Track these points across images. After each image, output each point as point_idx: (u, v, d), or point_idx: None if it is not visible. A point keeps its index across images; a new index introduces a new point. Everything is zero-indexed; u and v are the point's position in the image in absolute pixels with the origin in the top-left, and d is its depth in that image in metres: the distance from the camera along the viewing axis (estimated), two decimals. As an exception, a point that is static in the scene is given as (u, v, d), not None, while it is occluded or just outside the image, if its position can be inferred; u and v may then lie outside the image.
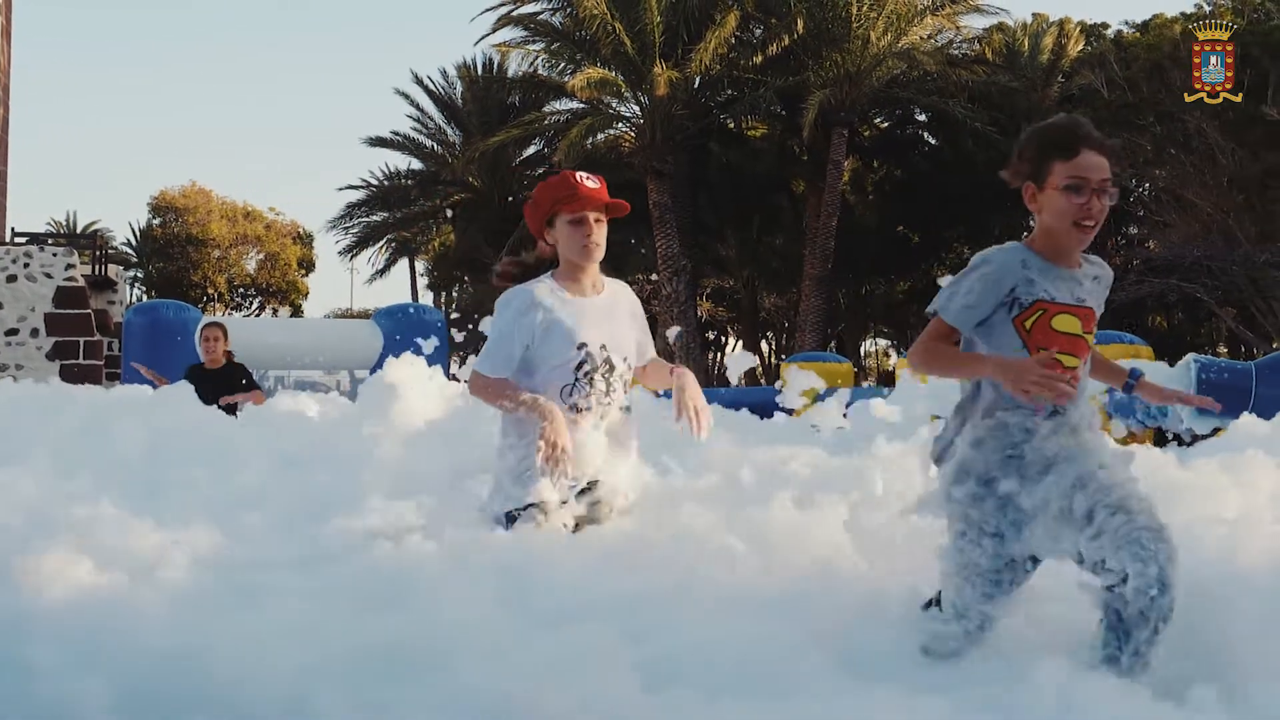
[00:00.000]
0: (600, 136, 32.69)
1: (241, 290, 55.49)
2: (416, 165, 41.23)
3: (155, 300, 25.84)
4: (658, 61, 30.46)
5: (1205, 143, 25.16)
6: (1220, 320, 31.40)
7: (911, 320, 41.96)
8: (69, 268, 25.21)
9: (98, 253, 29.27)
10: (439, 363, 7.49)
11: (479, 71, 38.19)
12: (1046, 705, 2.68)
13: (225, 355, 9.46)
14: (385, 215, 41.23)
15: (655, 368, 4.37)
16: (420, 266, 53.45)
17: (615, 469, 4.16)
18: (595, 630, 3.01)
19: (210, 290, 53.18)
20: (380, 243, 44.02)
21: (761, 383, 31.24)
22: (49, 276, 25.02)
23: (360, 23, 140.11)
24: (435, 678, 2.82)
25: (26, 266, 24.99)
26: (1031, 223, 3.21)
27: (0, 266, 24.78)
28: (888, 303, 41.08)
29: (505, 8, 32.94)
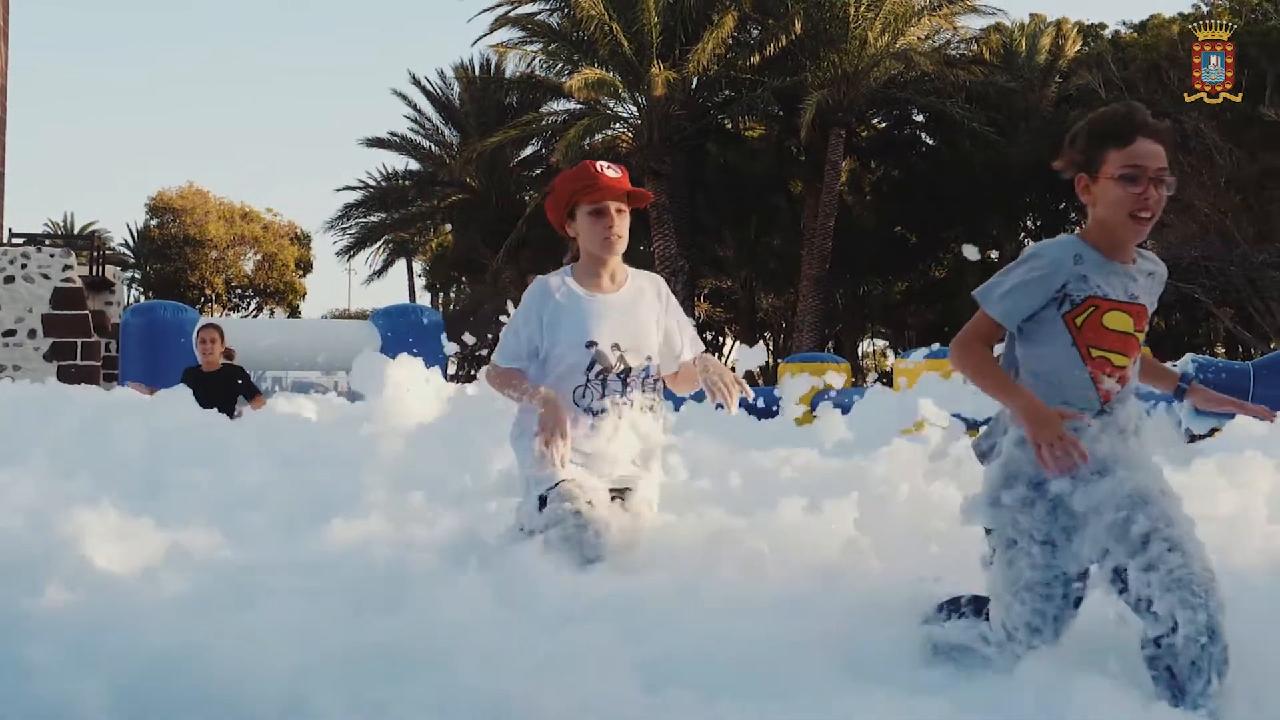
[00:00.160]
0: (598, 137, 32.71)
1: (239, 291, 55.47)
2: (414, 166, 41.26)
3: (153, 301, 25.86)
4: (655, 62, 30.49)
5: (1203, 143, 25.19)
6: (1218, 320, 31.46)
7: (909, 320, 42.02)
8: (66, 269, 25.21)
9: (95, 254, 29.22)
10: (437, 364, 7.49)
11: (476, 72, 38.21)
12: (1046, 705, 2.68)
13: (228, 352, 9.46)
14: (383, 216, 41.24)
15: (685, 372, 4.13)
16: (418, 267, 53.55)
17: (640, 479, 3.99)
18: (595, 630, 3.01)
19: (208, 291, 53.16)
20: (378, 243, 44.07)
21: (760, 383, 31.27)
22: (46, 277, 25.01)
23: (357, 24, 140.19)
24: (434, 677, 2.82)
25: (24, 267, 24.99)
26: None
27: (-2, 267, 24.82)
28: (885, 303, 41.12)
29: (502, 8, 33.00)
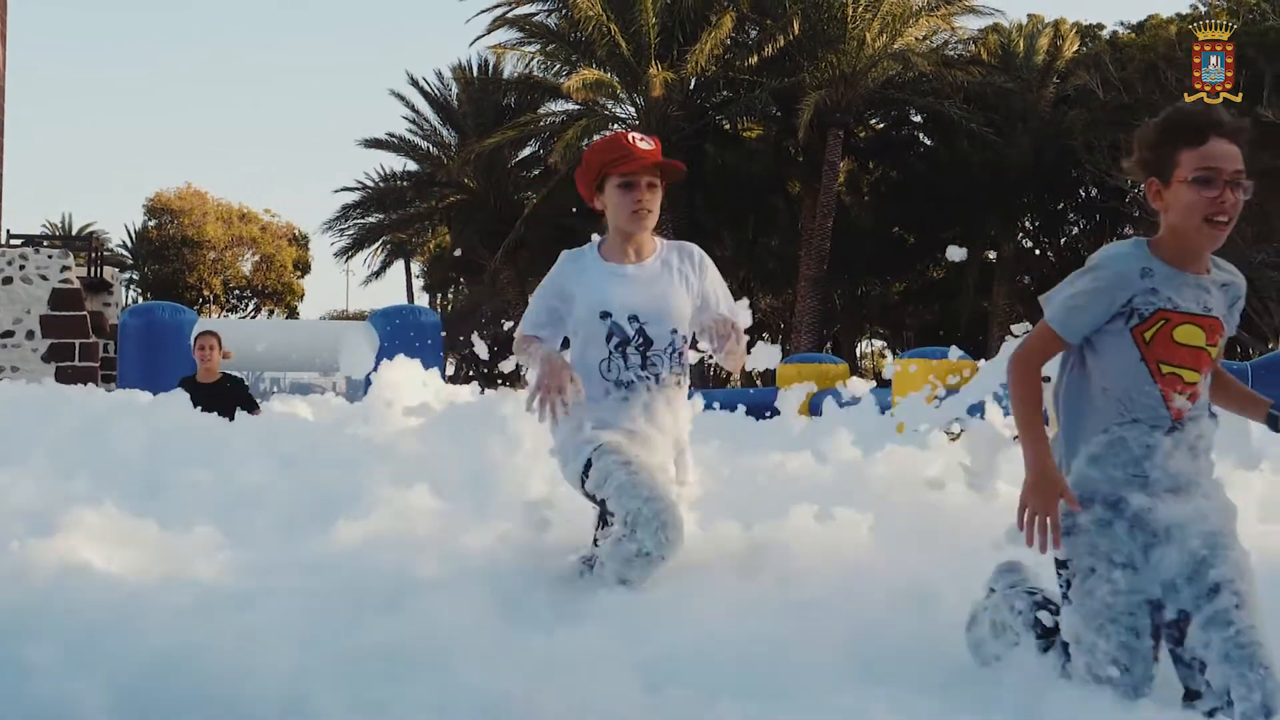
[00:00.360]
0: (596, 138, 32.68)
1: (237, 292, 55.46)
2: (412, 167, 41.26)
3: (151, 302, 25.88)
4: (653, 63, 30.50)
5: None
6: (1216, 320, 31.39)
7: (907, 321, 42.03)
8: (64, 270, 25.20)
9: (93, 255, 29.21)
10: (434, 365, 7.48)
11: (474, 73, 38.19)
12: (1047, 705, 2.68)
13: (224, 355, 9.44)
14: (381, 217, 41.23)
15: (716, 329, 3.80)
16: (416, 268, 53.54)
17: (676, 460, 3.85)
18: (594, 630, 3.01)
19: (206, 292, 53.14)
20: (376, 244, 44.08)
21: (758, 383, 31.25)
22: (44, 279, 25.01)
23: (355, 24, 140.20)
24: (434, 678, 2.82)
25: (22, 269, 24.98)
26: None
27: (-4, 269, 24.81)
28: (883, 304, 41.15)
29: (500, 9, 33.01)
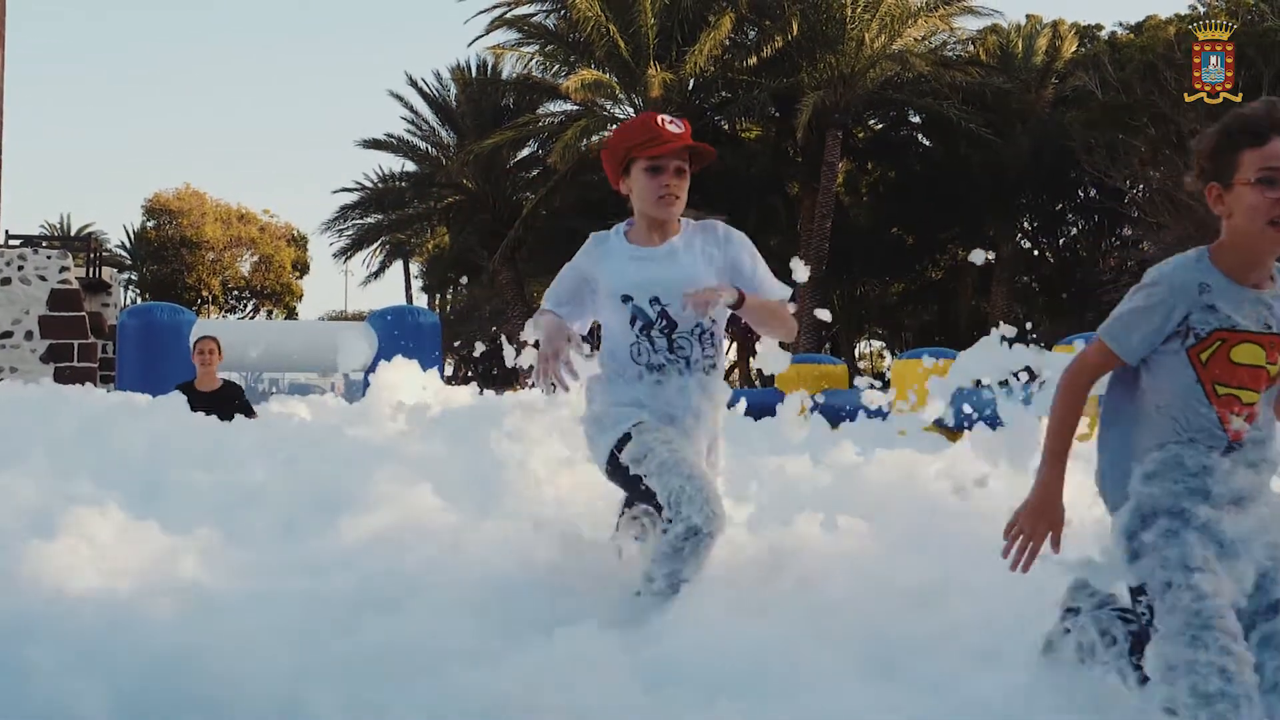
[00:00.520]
0: (595, 138, 32.68)
1: (236, 293, 55.44)
2: (411, 167, 41.19)
3: (149, 303, 25.86)
4: (652, 63, 30.50)
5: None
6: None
7: (906, 321, 42.01)
8: (63, 270, 25.17)
9: (92, 255, 29.17)
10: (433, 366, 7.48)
11: (473, 74, 38.15)
12: (1047, 706, 2.68)
13: (220, 358, 9.43)
14: (379, 217, 41.18)
15: (750, 303, 3.64)
16: (415, 269, 53.52)
17: (709, 446, 3.75)
18: (594, 631, 3.01)
19: (204, 293, 53.12)
20: (374, 245, 44.05)
21: (756, 384, 31.28)
22: (43, 279, 24.98)
23: (354, 25, 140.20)
24: (432, 679, 2.82)
25: (21, 269, 24.95)
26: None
27: (-6, 269, 24.80)
28: (882, 304, 41.12)
29: (499, 10, 33.00)
